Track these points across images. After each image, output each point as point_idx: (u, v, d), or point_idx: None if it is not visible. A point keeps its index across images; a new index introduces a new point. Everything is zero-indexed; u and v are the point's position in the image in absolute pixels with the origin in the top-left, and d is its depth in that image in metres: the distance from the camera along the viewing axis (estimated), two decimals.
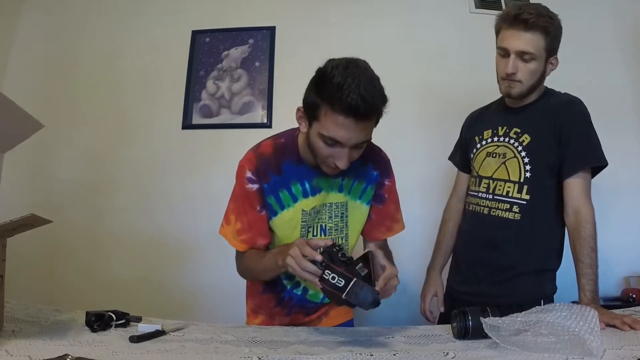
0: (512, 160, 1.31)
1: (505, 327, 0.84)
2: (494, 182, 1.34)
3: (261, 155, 1.14)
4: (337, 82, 0.92)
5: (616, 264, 2.10)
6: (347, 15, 2.49)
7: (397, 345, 0.92)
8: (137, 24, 2.58)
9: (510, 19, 1.24)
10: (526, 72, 1.26)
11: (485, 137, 1.39)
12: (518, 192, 1.29)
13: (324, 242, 0.96)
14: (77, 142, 2.44)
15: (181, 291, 2.22)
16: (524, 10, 1.22)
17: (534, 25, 1.22)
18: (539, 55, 1.25)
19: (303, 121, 1.05)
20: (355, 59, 0.99)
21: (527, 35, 1.23)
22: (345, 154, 0.99)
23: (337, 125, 0.95)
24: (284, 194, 1.14)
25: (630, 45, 2.37)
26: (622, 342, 0.83)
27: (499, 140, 1.35)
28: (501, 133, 1.35)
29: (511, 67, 1.25)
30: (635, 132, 2.30)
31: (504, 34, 1.27)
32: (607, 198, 2.17)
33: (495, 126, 1.38)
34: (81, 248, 2.32)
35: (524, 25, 1.22)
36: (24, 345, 0.82)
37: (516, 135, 1.32)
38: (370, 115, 0.96)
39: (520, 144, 1.30)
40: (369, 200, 1.22)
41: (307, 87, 1.03)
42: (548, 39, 1.25)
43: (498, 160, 1.34)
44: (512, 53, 1.25)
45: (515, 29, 1.23)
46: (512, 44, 1.25)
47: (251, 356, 0.82)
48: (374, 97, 0.93)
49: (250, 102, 2.43)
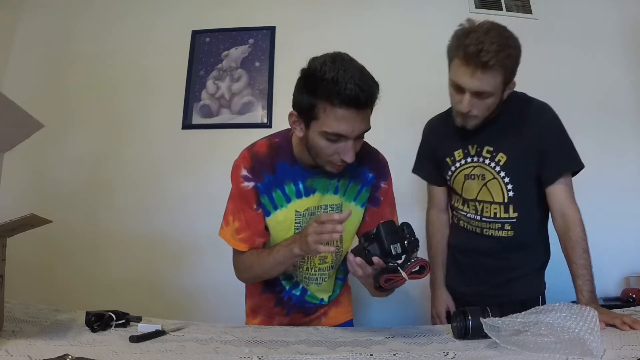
0: (492, 182, 1.29)
1: (505, 327, 0.84)
2: (480, 204, 1.32)
3: (255, 155, 1.14)
4: (331, 77, 0.93)
5: (616, 264, 2.10)
6: (347, 15, 2.50)
7: (397, 345, 0.92)
8: (137, 24, 2.58)
9: (467, 56, 1.12)
10: (483, 108, 1.20)
11: (458, 159, 1.34)
12: (505, 212, 1.29)
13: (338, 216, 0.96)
14: (78, 142, 2.44)
15: (180, 292, 2.22)
16: (482, 48, 1.09)
17: (493, 66, 1.11)
18: (496, 91, 1.17)
19: (298, 125, 1.05)
20: (338, 53, 0.99)
21: (485, 76, 1.12)
22: (350, 146, 1.00)
23: (339, 119, 0.95)
24: (277, 194, 1.13)
25: (631, 43, 2.37)
26: (622, 342, 0.83)
27: (473, 161, 1.32)
28: (473, 152, 1.31)
29: (466, 107, 1.18)
30: (635, 131, 2.30)
31: (459, 68, 1.16)
32: (607, 198, 2.17)
33: (465, 145, 1.32)
34: (81, 248, 2.32)
35: (482, 66, 1.11)
36: (24, 345, 0.81)
37: (490, 155, 1.28)
38: (370, 103, 0.97)
39: (497, 164, 1.27)
40: (363, 203, 1.21)
41: (295, 92, 1.03)
42: (506, 74, 1.15)
43: (478, 182, 1.32)
44: (468, 92, 1.16)
45: (472, 68, 1.12)
46: (468, 83, 1.15)
47: (251, 356, 0.82)
48: (369, 85, 0.95)
49: (250, 102, 2.43)
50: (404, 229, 0.93)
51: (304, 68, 1.01)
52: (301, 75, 1.01)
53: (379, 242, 0.92)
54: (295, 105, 1.03)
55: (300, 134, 1.05)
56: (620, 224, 2.15)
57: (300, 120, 1.03)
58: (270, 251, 1.12)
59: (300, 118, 1.03)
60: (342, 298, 1.35)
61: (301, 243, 1.02)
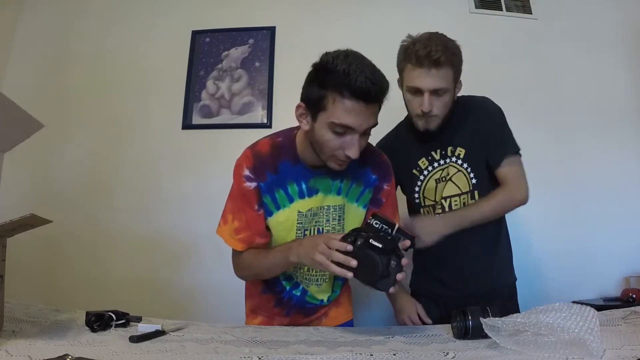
0: (457, 175, 1.36)
1: (505, 327, 0.84)
2: (447, 200, 1.37)
3: (258, 154, 1.13)
4: (343, 69, 0.93)
5: (616, 264, 2.10)
6: (347, 15, 2.50)
7: (397, 345, 0.92)
8: (137, 24, 2.58)
9: (419, 59, 1.22)
10: (441, 106, 1.28)
11: (424, 167, 1.40)
12: (472, 199, 1.35)
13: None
14: (78, 142, 2.44)
15: (180, 292, 2.22)
16: (430, 48, 1.21)
17: (444, 62, 1.22)
18: (450, 87, 1.27)
19: (305, 118, 1.04)
20: (350, 49, 1.00)
21: (440, 72, 1.22)
22: (356, 141, 0.99)
23: (348, 111, 0.95)
24: (280, 193, 1.13)
25: (631, 44, 2.37)
26: (622, 342, 0.83)
27: (440, 165, 1.38)
28: (438, 157, 1.38)
29: (427, 106, 1.25)
30: (635, 131, 2.30)
31: (412, 73, 1.25)
32: (607, 198, 2.18)
33: (427, 152, 1.39)
34: (81, 248, 2.32)
35: (434, 64, 1.21)
36: (24, 345, 0.81)
37: (452, 152, 1.36)
38: (379, 97, 0.97)
39: (458, 158, 1.36)
40: (365, 204, 1.21)
41: (305, 84, 1.03)
42: (455, 70, 1.27)
43: (443, 182, 1.38)
44: (426, 92, 1.25)
45: (425, 67, 1.22)
46: (424, 83, 1.24)
47: (251, 356, 0.82)
48: (380, 80, 0.96)
49: (250, 102, 2.43)
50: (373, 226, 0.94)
51: (315, 62, 1.01)
52: (312, 69, 1.02)
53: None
54: (304, 97, 1.03)
55: (306, 127, 1.05)
56: (620, 224, 2.15)
57: (308, 112, 1.03)
58: (268, 253, 1.12)
59: (307, 110, 1.03)
60: (342, 298, 1.35)
61: (300, 254, 1.00)
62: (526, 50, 2.40)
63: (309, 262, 0.99)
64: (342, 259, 0.91)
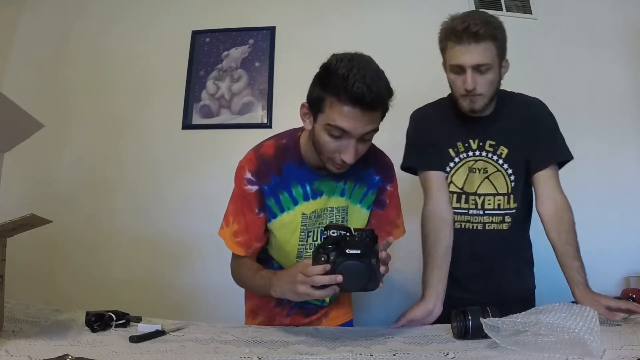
0: (496, 175, 1.31)
1: (505, 327, 0.84)
2: (481, 197, 1.32)
3: (262, 156, 1.12)
4: (342, 73, 0.93)
5: (616, 263, 2.10)
6: (347, 15, 2.50)
7: (397, 345, 0.92)
8: (137, 24, 2.58)
9: (457, 34, 1.18)
10: (485, 84, 1.22)
11: (461, 150, 1.33)
12: (508, 203, 1.31)
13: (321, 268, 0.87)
14: (77, 142, 2.44)
15: (180, 292, 2.22)
16: (469, 22, 1.16)
17: (484, 36, 1.16)
18: (493, 63, 1.21)
19: (307, 117, 1.05)
20: (360, 53, 0.99)
21: (480, 47, 1.17)
22: (352, 145, 0.98)
23: (343, 115, 0.95)
24: (284, 196, 1.12)
25: (631, 43, 2.37)
26: (622, 342, 0.83)
27: (475, 155, 1.32)
28: (475, 146, 1.32)
29: (471, 83, 1.20)
30: (636, 131, 2.30)
31: (453, 50, 1.21)
32: (607, 197, 2.17)
33: (465, 138, 1.33)
34: (81, 248, 2.32)
35: (474, 38, 1.16)
36: (24, 345, 0.81)
37: (493, 149, 1.30)
38: (377, 105, 0.95)
39: (499, 157, 1.30)
40: (369, 205, 1.20)
41: (311, 84, 1.03)
42: (498, 45, 1.20)
43: (480, 175, 1.32)
44: (468, 68, 1.19)
45: (466, 43, 1.18)
46: (466, 59, 1.19)
47: (251, 356, 0.82)
48: (379, 87, 0.94)
49: (250, 102, 2.43)
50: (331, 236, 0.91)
51: (323, 63, 1.01)
52: (319, 69, 1.02)
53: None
54: (308, 97, 1.04)
55: (309, 127, 1.05)
56: (620, 224, 2.15)
57: (310, 112, 1.03)
58: (256, 274, 1.09)
59: (310, 110, 1.03)
60: (342, 299, 1.34)
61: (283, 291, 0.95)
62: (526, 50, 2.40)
63: (293, 297, 0.95)
64: (325, 280, 0.86)
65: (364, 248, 0.89)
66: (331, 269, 0.87)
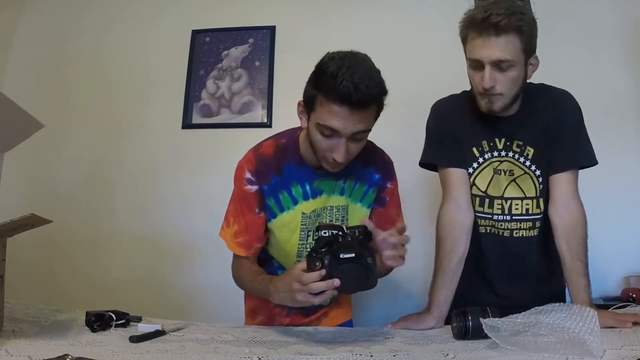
0: (523, 178, 1.19)
1: (505, 327, 0.84)
2: (508, 201, 1.20)
3: (261, 156, 1.12)
4: (331, 72, 0.92)
5: (616, 263, 2.09)
6: (347, 15, 2.49)
7: (397, 346, 0.92)
8: (137, 24, 2.58)
9: (477, 25, 1.04)
10: (506, 83, 1.08)
11: (486, 150, 1.21)
12: (537, 207, 1.20)
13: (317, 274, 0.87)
14: (78, 142, 2.44)
15: (180, 292, 2.22)
16: (491, 12, 1.02)
17: (506, 28, 1.02)
18: (517, 60, 1.06)
19: (303, 115, 1.05)
20: (355, 51, 0.99)
21: (500, 40, 1.03)
22: (343, 144, 0.97)
23: (332, 114, 0.95)
24: (284, 195, 1.12)
25: (632, 43, 2.37)
26: (622, 342, 0.83)
27: (501, 155, 1.20)
28: (501, 146, 1.20)
29: (488, 81, 1.06)
30: (636, 130, 2.30)
31: (473, 43, 1.08)
32: (607, 197, 2.17)
33: (491, 137, 1.20)
34: (81, 248, 2.32)
35: (494, 30, 1.02)
36: (24, 345, 0.81)
37: (520, 149, 1.19)
38: (365, 104, 0.94)
39: (526, 159, 1.18)
40: (369, 204, 1.20)
41: (306, 82, 1.03)
42: (524, 39, 1.05)
43: (506, 177, 1.20)
44: (487, 64, 1.06)
45: (485, 35, 1.04)
46: (484, 53, 1.05)
47: (251, 356, 0.82)
48: (368, 87, 0.92)
49: (250, 101, 2.43)
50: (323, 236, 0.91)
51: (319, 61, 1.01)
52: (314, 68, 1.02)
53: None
54: (303, 95, 1.04)
55: (304, 125, 1.05)
56: (620, 224, 2.15)
57: (305, 110, 1.04)
58: (255, 277, 1.08)
59: (304, 108, 1.04)
60: (342, 299, 1.34)
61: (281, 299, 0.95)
62: None
63: (293, 304, 0.94)
64: (322, 286, 0.85)
65: (358, 249, 0.88)
66: (327, 273, 0.86)
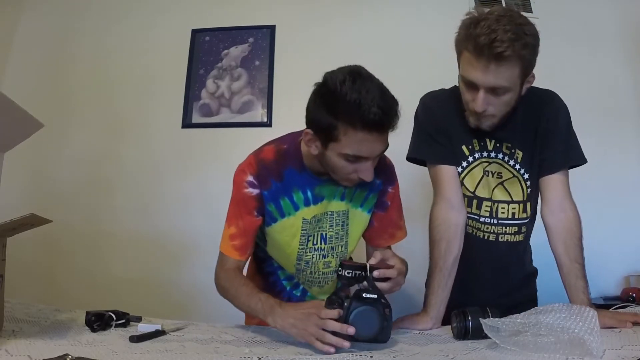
0: (512, 181, 1.18)
1: (505, 327, 0.84)
2: (495, 204, 1.19)
3: (262, 161, 1.11)
4: (354, 100, 0.89)
5: (616, 263, 2.10)
6: (347, 15, 2.49)
7: (397, 346, 0.92)
8: (137, 23, 2.58)
9: (477, 47, 0.97)
10: (499, 105, 1.05)
11: (476, 149, 1.18)
12: (523, 212, 1.19)
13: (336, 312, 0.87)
14: (78, 142, 2.44)
15: (180, 292, 2.22)
16: (495, 38, 0.94)
17: (509, 57, 0.96)
18: (513, 85, 1.02)
19: (313, 143, 1.00)
20: (356, 68, 0.95)
21: (501, 69, 0.98)
22: (370, 166, 0.98)
23: (361, 142, 0.93)
24: (285, 201, 1.11)
25: (632, 42, 2.37)
26: (622, 342, 0.83)
27: (490, 157, 1.18)
28: (491, 147, 1.17)
29: (481, 106, 1.03)
30: (636, 130, 2.30)
31: (469, 61, 1.01)
32: (607, 197, 2.17)
33: (481, 137, 1.17)
34: (81, 248, 2.32)
35: (495, 60, 0.96)
36: (24, 345, 0.82)
37: (509, 152, 1.17)
38: (392, 125, 0.94)
39: (515, 162, 1.17)
40: (370, 208, 1.19)
41: (311, 107, 0.98)
42: (524, 65, 1.00)
43: (494, 179, 1.19)
44: (482, 89, 1.02)
45: (485, 61, 0.97)
46: (481, 79, 1.00)
47: (251, 356, 0.82)
48: (392, 107, 0.92)
49: (250, 101, 2.43)
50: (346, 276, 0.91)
51: (319, 83, 0.97)
52: (317, 92, 0.97)
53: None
54: (312, 124, 0.99)
55: (315, 152, 1.01)
56: (620, 223, 2.15)
57: (317, 138, 0.99)
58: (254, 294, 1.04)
59: (316, 136, 0.99)
60: None
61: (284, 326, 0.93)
62: None
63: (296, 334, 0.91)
64: (337, 327, 0.85)
65: (380, 293, 0.89)
66: (345, 314, 0.87)
